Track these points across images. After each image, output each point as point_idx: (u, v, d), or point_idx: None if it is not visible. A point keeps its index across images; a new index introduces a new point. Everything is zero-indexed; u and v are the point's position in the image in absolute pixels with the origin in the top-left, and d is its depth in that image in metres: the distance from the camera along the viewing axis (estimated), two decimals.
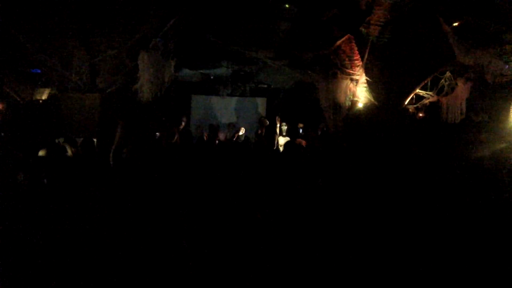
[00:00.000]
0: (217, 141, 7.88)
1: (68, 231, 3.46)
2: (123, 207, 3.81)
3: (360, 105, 9.90)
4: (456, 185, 6.10)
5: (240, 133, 9.22)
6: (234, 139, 9.03)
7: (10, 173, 4.28)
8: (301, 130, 10.84)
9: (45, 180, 4.37)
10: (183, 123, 8.42)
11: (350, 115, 9.93)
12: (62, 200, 3.90)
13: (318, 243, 4.00)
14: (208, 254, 3.51)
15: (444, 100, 9.77)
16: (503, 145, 7.46)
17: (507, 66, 8.10)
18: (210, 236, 3.71)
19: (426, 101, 10.35)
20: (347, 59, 9.50)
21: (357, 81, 9.64)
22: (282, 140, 9.62)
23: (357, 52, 9.28)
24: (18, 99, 7.76)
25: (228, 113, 13.87)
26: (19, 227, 3.43)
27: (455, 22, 7.84)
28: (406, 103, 9.86)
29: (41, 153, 5.74)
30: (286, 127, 10.19)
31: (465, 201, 5.40)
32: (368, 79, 9.42)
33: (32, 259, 3.21)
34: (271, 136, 9.06)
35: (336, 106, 9.98)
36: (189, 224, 3.86)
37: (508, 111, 8.56)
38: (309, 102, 11.73)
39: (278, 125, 10.10)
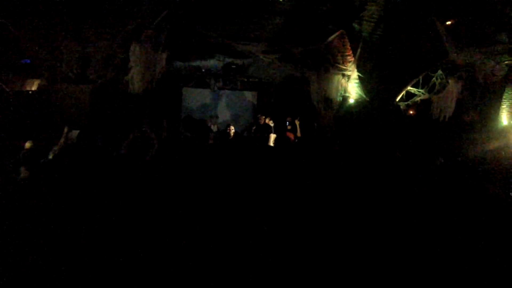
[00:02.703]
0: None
1: (67, 227, 3.43)
2: (124, 202, 3.78)
3: (351, 100, 9.92)
4: (446, 184, 6.14)
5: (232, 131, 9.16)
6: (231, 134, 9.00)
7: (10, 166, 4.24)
8: (287, 123, 10.77)
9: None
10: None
11: (341, 111, 9.96)
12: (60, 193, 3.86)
13: (314, 241, 4.00)
14: (207, 252, 3.49)
15: (435, 98, 9.83)
16: (493, 145, 7.52)
17: (498, 66, 8.16)
18: (209, 234, 3.70)
19: (417, 99, 10.40)
20: (339, 54, 9.51)
21: (349, 76, 9.65)
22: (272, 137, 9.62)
23: (349, 47, 9.28)
24: (7, 90, 7.64)
25: (219, 106, 13.82)
26: (19, 223, 3.39)
27: (449, 20, 7.86)
28: (397, 99, 9.90)
29: (28, 145, 5.67)
30: (273, 124, 10.17)
31: (456, 200, 5.43)
32: (360, 75, 9.43)
33: (32, 256, 3.18)
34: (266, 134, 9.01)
35: (328, 102, 9.99)
36: (189, 221, 3.84)
37: (498, 111, 8.63)
38: (300, 97, 11.72)
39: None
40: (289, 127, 10.43)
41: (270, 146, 7.98)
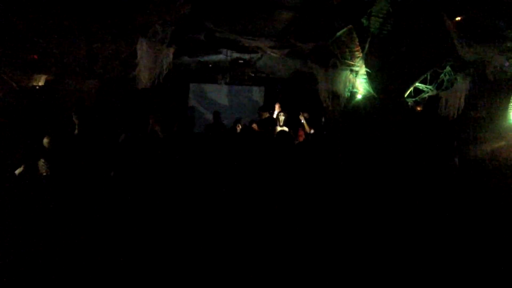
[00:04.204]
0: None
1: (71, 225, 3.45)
2: (126, 200, 3.80)
3: (359, 96, 9.87)
4: (455, 182, 6.10)
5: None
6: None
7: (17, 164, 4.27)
8: (302, 120, 10.77)
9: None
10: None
11: (349, 107, 9.92)
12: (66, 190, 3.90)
13: (316, 239, 3.99)
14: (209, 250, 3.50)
15: (443, 95, 9.72)
16: (502, 143, 7.44)
17: (507, 63, 8.06)
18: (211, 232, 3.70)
19: (425, 95, 10.31)
20: (347, 50, 9.44)
21: (357, 72, 9.59)
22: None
23: (357, 43, 9.22)
24: (14, 85, 7.67)
25: (226, 101, 13.80)
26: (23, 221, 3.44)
27: (458, 16, 7.76)
28: (405, 95, 9.82)
29: (46, 141, 5.72)
30: (284, 117, 10.11)
31: (463, 198, 5.41)
32: (368, 70, 9.37)
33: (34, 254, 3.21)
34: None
35: (335, 97, 9.96)
36: (191, 218, 3.85)
37: (507, 109, 8.51)
38: (307, 92, 11.71)
39: (276, 113, 10.07)
40: (304, 123, 10.45)
41: (272, 141, 7.95)
